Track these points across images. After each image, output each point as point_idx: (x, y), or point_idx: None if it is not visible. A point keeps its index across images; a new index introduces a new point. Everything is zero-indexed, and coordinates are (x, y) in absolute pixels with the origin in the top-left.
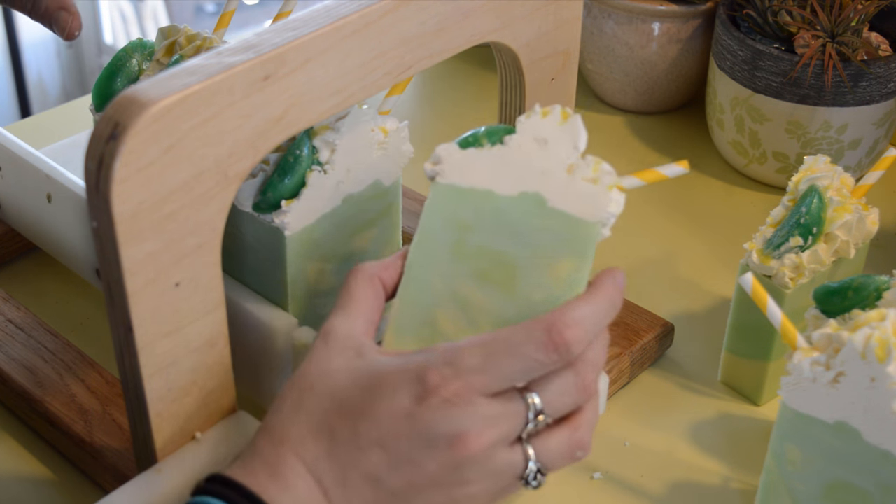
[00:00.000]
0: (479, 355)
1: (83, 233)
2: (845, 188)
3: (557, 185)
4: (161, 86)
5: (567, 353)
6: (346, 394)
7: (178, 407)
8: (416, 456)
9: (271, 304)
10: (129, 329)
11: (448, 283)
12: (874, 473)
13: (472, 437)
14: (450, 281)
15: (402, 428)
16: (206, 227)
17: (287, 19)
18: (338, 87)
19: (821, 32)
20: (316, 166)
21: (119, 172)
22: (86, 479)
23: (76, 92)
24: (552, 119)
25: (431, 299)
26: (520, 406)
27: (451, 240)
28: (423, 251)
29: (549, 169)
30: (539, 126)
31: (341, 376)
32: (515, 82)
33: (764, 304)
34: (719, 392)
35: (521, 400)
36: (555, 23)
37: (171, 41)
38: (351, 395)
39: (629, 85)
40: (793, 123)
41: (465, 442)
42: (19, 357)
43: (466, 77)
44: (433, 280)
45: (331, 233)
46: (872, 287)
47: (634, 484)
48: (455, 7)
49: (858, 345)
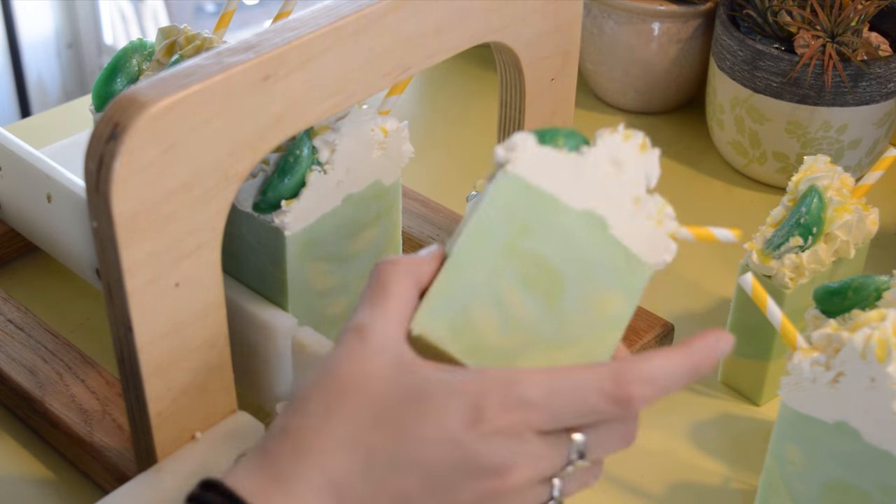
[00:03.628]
0: (540, 391)
1: (83, 233)
2: (845, 188)
3: (622, 214)
4: (161, 86)
5: (628, 408)
6: (387, 406)
7: (178, 407)
8: (455, 483)
9: (271, 304)
10: (129, 329)
11: (493, 277)
12: (874, 473)
13: (516, 472)
14: (495, 276)
15: (447, 453)
16: (206, 227)
17: (287, 19)
18: (338, 87)
19: (821, 32)
20: (316, 166)
21: (119, 172)
22: (86, 479)
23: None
24: (632, 145)
25: (472, 289)
26: (564, 447)
27: (507, 234)
28: (477, 239)
29: (617, 195)
30: (618, 148)
31: (382, 386)
32: (515, 82)
33: (764, 304)
34: (719, 392)
35: (568, 441)
36: (555, 23)
37: (171, 41)
38: (393, 409)
39: (629, 85)
40: (793, 123)
41: (507, 476)
42: (19, 357)
43: (466, 77)
44: (478, 270)
45: (331, 233)
46: (872, 287)
47: (634, 484)
48: (455, 7)
49: (858, 345)
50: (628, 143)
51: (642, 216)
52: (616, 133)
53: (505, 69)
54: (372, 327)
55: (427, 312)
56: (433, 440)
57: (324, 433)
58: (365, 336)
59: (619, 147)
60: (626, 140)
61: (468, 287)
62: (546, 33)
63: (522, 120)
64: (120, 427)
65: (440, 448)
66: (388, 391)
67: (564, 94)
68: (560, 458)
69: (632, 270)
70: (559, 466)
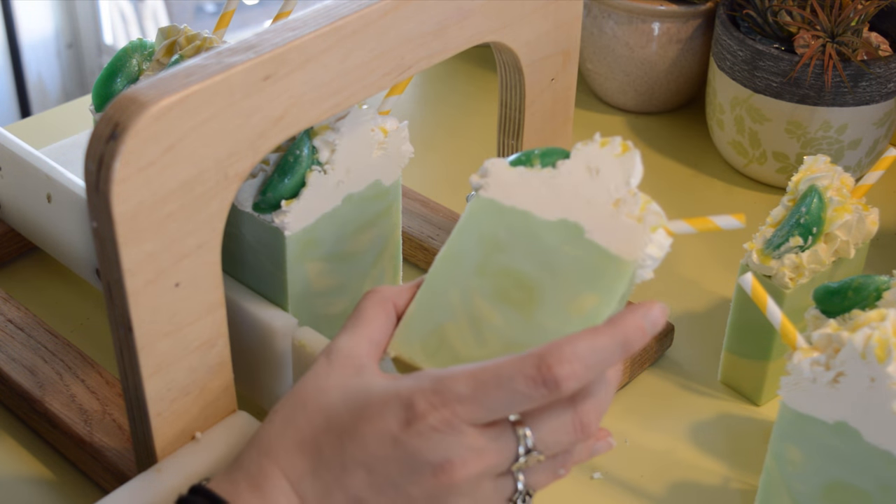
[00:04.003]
0: (468, 384)
1: (83, 233)
2: (845, 188)
3: (599, 217)
4: (161, 86)
5: (556, 389)
6: (336, 412)
7: (178, 407)
8: (401, 480)
9: (271, 304)
10: (129, 329)
11: (466, 297)
12: (874, 473)
13: (458, 465)
14: (468, 296)
15: (387, 451)
16: (206, 227)
17: (287, 19)
18: (338, 87)
19: (821, 32)
20: (316, 166)
21: (119, 172)
22: (86, 479)
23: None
24: (609, 149)
25: (446, 311)
26: (510, 440)
27: (480, 255)
28: (449, 262)
29: (595, 200)
30: (595, 155)
31: (335, 394)
32: (515, 82)
33: (764, 304)
34: (719, 392)
35: (513, 434)
36: (555, 23)
37: (171, 41)
38: (340, 413)
39: (629, 85)
40: (793, 123)
41: (450, 471)
42: (19, 357)
43: (466, 77)
44: (452, 292)
45: (331, 233)
46: (872, 287)
47: (634, 484)
48: (455, 7)
49: (858, 345)
50: (605, 148)
51: (623, 215)
52: (592, 142)
53: (505, 69)
54: (339, 348)
55: (401, 334)
56: (373, 439)
57: (284, 437)
58: (331, 356)
59: (595, 154)
60: (602, 147)
61: (441, 308)
62: (546, 33)
63: (522, 120)
64: (120, 427)
65: (380, 447)
66: (341, 399)
67: (564, 94)
68: (508, 450)
69: (608, 269)
70: (510, 460)
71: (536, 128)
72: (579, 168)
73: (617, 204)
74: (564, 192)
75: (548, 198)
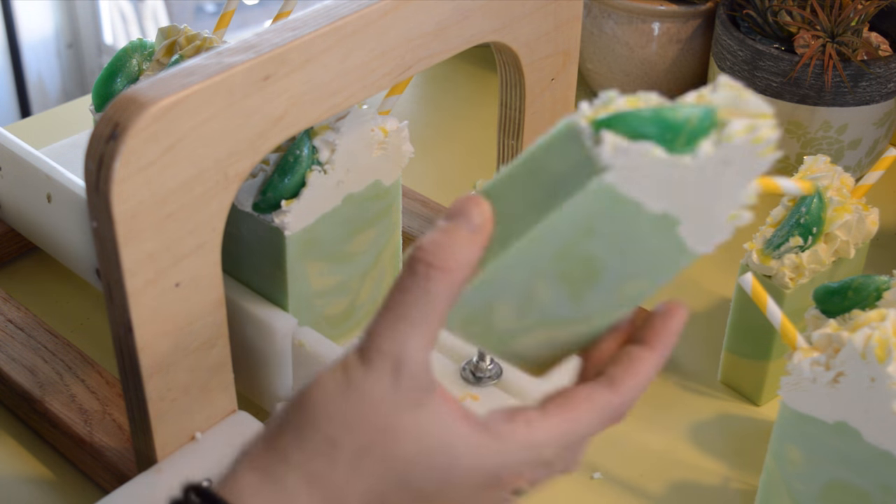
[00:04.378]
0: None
1: (83, 233)
2: (845, 188)
3: (701, 212)
4: (161, 86)
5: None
6: (413, 473)
7: (178, 407)
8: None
9: (271, 304)
10: (129, 329)
11: (531, 277)
12: (874, 473)
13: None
14: (534, 277)
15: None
16: (206, 227)
17: (287, 19)
18: (338, 87)
19: (821, 32)
20: (316, 166)
21: (119, 172)
22: (86, 479)
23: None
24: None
25: (505, 289)
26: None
27: (567, 239)
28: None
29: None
30: (737, 147)
31: (409, 445)
32: (515, 82)
33: (764, 304)
34: (719, 392)
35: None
36: (555, 23)
37: (171, 41)
38: (417, 477)
39: (629, 85)
40: (793, 123)
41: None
42: (19, 357)
43: (466, 77)
44: (520, 272)
45: (331, 233)
46: (872, 287)
47: (634, 484)
48: (455, 7)
49: (858, 345)
50: (747, 137)
51: (722, 212)
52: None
53: (505, 69)
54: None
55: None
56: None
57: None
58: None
59: (737, 147)
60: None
61: (501, 286)
62: (546, 33)
63: (522, 120)
64: (120, 427)
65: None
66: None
67: (564, 94)
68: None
69: (675, 260)
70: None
71: (536, 128)
72: (715, 162)
73: (727, 203)
74: (686, 187)
75: (665, 189)
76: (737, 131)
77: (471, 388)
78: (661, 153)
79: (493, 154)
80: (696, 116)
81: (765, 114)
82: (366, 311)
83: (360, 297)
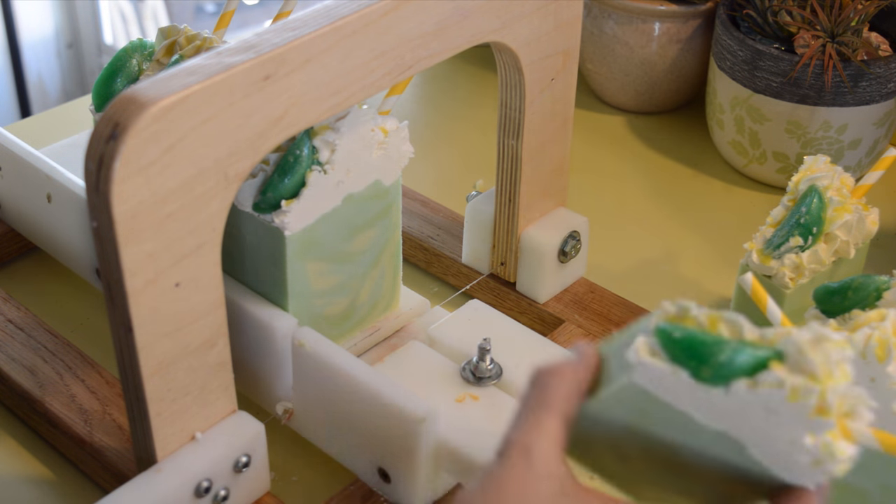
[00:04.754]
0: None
1: (83, 233)
2: (845, 188)
3: (769, 446)
4: (161, 86)
5: None
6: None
7: (178, 407)
8: None
9: (271, 304)
10: (129, 329)
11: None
12: (874, 473)
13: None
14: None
15: None
16: (206, 227)
17: (287, 19)
18: (338, 87)
19: (821, 32)
20: (316, 166)
21: (119, 172)
22: (86, 479)
23: (76, 92)
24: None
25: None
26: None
27: (626, 415)
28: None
29: (769, 435)
30: (772, 398)
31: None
32: (515, 82)
33: (764, 304)
34: None
35: None
36: (555, 23)
37: (171, 41)
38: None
39: (629, 85)
40: (793, 123)
41: None
42: (19, 357)
43: (466, 77)
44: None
45: (331, 233)
46: (872, 287)
47: None
48: (455, 7)
49: (858, 345)
50: (782, 391)
51: (794, 456)
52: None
53: (505, 69)
54: (537, 449)
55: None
56: None
57: None
58: (531, 458)
59: (774, 397)
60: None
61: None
62: (546, 33)
63: (522, 120)
64: (120, 427)
65: None
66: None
67: (564, 94)
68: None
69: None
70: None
71: (536, 128)
72: (756, 406)
73: (792, 444)
74: (738, 417)
75: (712, 410)
76: (771, 384)
77: (471, 388)
78: (685, 377)
79: (493, 154)
80: (729, 356)
81: (824, 378)
82: (366, 311)
83: (360, 297)
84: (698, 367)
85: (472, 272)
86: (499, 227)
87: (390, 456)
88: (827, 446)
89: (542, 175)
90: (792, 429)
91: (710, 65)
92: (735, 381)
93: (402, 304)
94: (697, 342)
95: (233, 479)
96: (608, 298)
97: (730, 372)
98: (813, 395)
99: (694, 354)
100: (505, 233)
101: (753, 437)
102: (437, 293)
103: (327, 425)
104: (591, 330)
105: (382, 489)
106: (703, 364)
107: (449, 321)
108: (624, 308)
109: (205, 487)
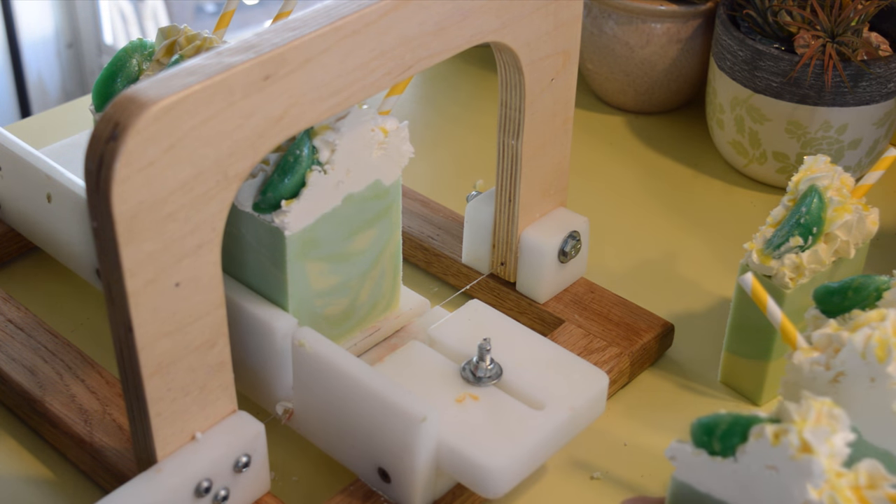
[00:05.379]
0: None
1: (83, 233)
2: (845, 188)
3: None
4: (161, 86)
5: None
6: None
7: (178, 407)
8: None
9: (271, 304)
10: (129, 329)
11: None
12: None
13: None
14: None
15: None
16: (206, 227)
17: (287, 19)
18: (338, 87)
19: (821, 32)
20: (316, 166)
21: (119, 172)
22: (86, 479)
23: (76, 92)
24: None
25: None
26: None
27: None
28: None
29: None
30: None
31: None
32: (515, 82)
33: (764, 304)
34: (719, 392)
35: None
36: (555, 23)
37: (171, 41)
38: None
39: (629, 85)
40: (793, 123)
41: None
42: (19, 357)
43: (466, 77)
44: None
45: (331, 233)
46: (872, 287)
47: (634, 484)
48: (455, 7)
49: (858, 345)
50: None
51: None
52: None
53: (505, 69)
54: None
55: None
56: None
57: None
58: None
59: (769, 452)
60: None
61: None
62: (546, 33)
63: (522, 120)
64: (120, 427)
65: None
66: None
67: (564, 94)
68: None
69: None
70: None
71: (536, 128)
72: (758, 465)
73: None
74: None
75: (739, 490)
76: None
77: (471, 388)
78: (705, 455)
79: (493, 154)
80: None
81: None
82: (366, 311)
83: (360, 297)
84: (708, 441)
85: (472, 272)
86: (499, 227)
87: (390, 456)
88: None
89: (542, 175)
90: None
91: (710, 65)
92: (739, 447)
93: (402, 304)
94: (712, 424)
95: (233, 479)
96: (608, 298)
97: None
98: (792, 433)
99: (704, 430)
100: (505, 233)
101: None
102: (437, 293)
103: (327, 425)
104: (591, 330)
105: (382, 489)
106: (710, 436)
107: (449, 321)
108: (624, 308)
109: (205, 487)
